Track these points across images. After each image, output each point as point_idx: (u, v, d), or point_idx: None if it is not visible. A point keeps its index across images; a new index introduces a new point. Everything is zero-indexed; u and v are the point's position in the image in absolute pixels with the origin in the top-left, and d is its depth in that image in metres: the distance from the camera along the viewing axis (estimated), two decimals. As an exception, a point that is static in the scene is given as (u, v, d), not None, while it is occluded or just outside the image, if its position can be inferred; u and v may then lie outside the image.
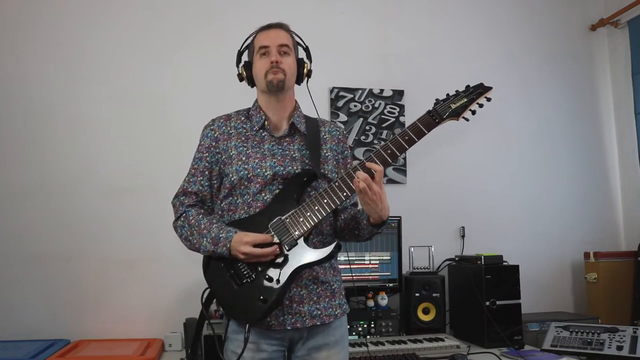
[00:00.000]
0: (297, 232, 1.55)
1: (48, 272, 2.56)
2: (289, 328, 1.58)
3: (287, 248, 1.54)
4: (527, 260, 2.80)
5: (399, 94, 3.02)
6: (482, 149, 3.10)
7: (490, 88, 1.65)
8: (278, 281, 1.53)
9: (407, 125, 1.58)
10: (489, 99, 1.65)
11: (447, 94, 1.63)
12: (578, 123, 3.28)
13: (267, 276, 1.54)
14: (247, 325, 1.53)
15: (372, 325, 2.55)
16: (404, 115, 3.00)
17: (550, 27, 3.31)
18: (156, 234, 2.61)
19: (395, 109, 3.00)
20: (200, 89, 2.77)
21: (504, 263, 2.65)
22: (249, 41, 1.76)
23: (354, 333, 2.52)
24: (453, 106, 1.60)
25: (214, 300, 1.66)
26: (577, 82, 3.31)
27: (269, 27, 1.72)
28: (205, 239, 1.59)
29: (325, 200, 1.55)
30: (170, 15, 2.80)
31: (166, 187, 2.62)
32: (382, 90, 3.00)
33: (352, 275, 2.59)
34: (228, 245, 1.54)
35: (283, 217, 1.56)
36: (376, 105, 2.98)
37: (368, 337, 2.52)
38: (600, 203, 3.26)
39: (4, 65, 2.63)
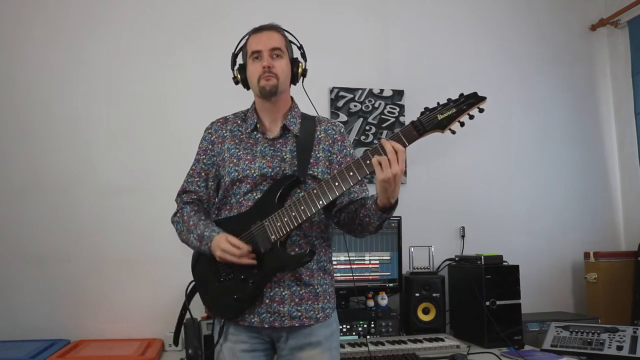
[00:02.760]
0: (273, 237, 1.58)
1: (48, 272, 2.56)
2: (266, 326, 1.62)
3: (262, 250, 1.59)
4: (527, 260, 2.80)
5: (399, 94, 3.02)
6: (482, 149, 3.10)
7: (483, 98, 1.50)
8: (252, 282, 1.60)
9: (391, 134, 1.58)
10: (481, 110, 1.50)
11: (438, 103, 1.51)
12: (578, 123, 3.28)
13: (242, 276, 1.61)
14: (223, 320, 1.66)
15: (372, 325, 2.55)
16: (404, 115, 3.00)
17: (550, 27, 3.31)
18: (156, 234, 2.61)
19: (395, 109, 3.00)
20: (199, 90, 2.77)
21: (504, 263, 2.64)
22: (242, 43, 1.77)
23: (354, 333, 2.52)
24: (440, 117, 1.48)
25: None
26: (577, 83, 3.31)
27: (260, 29, 1.72)
28: (192, 235, 1.67)
29: (302, 207, 1.55)
30: (170, 15, 2.80)
31: (165, 187, 2.62)
32: (382, 90, 3.00)
33: (352, 275, 2.60)
34: (209, 244, 1.62)
35: (263, 221, 1.59)
36: (376, 105, 2.98)
37: (368, 337, 2.52)
38: (600, 203, 3.26)
39: (3, 65, 2.63)
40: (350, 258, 2.62)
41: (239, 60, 1.80)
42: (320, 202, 1.54)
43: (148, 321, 2.60)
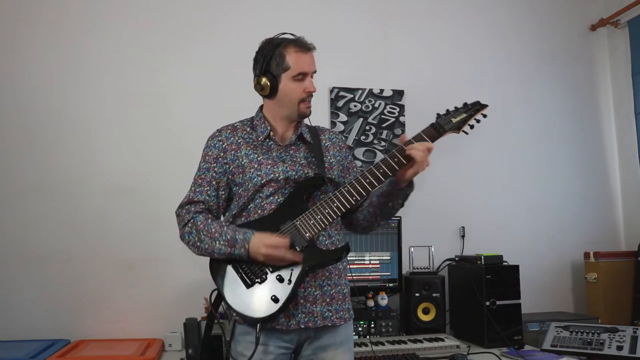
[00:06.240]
0: (307, 234, 1.60)
1: (48, 272, 2.56)
2: (302, 327, 1.61)
3: (298, 249, 1.58)
4: (527, 260, 2.80)
5: (399, 94, 3.02)
6: (482, 149, 3.10)
7: (486, 105, 1.74)
8: (290, 281, 1.58)
9: (412, 136, 1.66)
10: (484, 116, 1.74)
11: (447, 110, 1.71)
12: (578, 123, 3.28)
13: (278, 276, 1.58)
14: (258, 325, 1.56)
15: (372, 325, 2.56)
16: (404, 115, 3.00)
17: (550, 27, 3.31)
18: (156, 234, 2.61)
19: (395, 109, 3.00)
20: (200, 90, 2.76)
21: (504, 263, 2.65)
22: (278, 51, 1.66)
23: (354, 333, 2.51)
24: (454, 120, 1.69)
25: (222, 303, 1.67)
26: (577, 82, 3.31)
27: (307, 49, 1.68)
28: (217, 242, 1.60)
29: (335, 204, 1.61)
30: (171, 15, 2.80)
31: (166, 187, 2.63)
32: (382, 90, 3.00)
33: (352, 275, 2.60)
34: (246, 247, 1.57)
35: (294, 220, 1.60)
36: (376, 105, 2.98)
37: (368, 337, 2.52)
38: (600, 203, 3.26)
39: (5, 65, 2.63)
40: (350, 258, 2.62)
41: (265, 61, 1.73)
42: (354, 198, 1.61)
43: (148, 321, 2.60)
